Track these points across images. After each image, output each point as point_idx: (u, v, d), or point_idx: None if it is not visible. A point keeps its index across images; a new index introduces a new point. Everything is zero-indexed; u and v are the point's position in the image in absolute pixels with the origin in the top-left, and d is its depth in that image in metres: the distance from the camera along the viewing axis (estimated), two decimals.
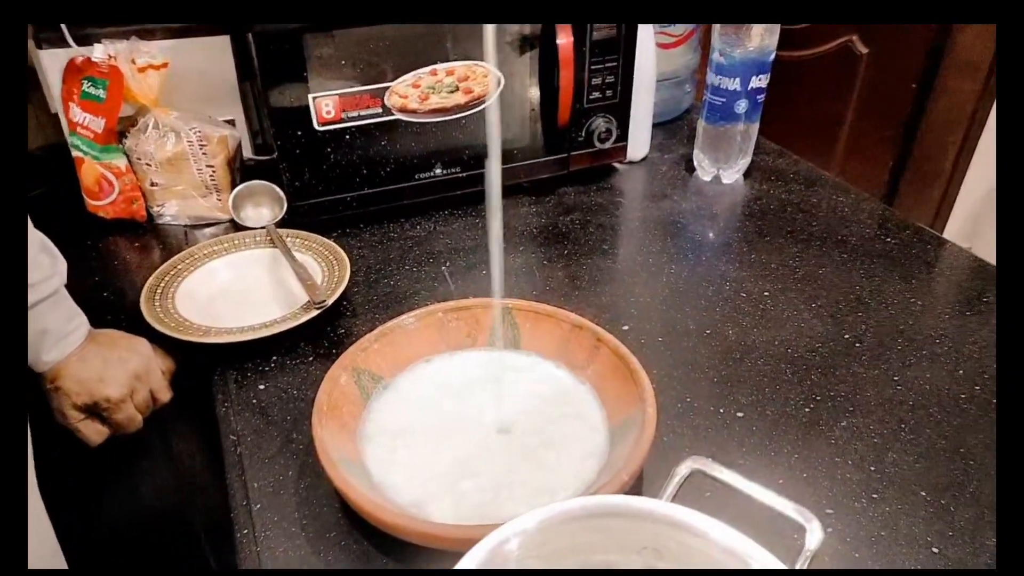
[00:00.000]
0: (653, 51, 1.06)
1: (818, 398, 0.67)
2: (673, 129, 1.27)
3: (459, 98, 0.93)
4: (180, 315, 0.76)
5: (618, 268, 0.89)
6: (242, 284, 0.84)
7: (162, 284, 0.80)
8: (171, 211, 0.99)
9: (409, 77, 0.90)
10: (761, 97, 1.01)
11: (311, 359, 0.74)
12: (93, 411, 0.71)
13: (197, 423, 0.83)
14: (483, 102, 0.94)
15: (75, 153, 0.94)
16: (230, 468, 0.62)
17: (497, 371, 0.68)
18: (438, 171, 0.98)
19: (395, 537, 0.51)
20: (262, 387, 0.71)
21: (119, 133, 0.95)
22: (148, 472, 0.94)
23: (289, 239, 0.88)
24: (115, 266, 0.93)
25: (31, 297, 0.67)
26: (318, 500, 0.58)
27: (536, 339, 0.69)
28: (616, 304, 0.81)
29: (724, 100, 1.01)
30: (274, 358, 0.74)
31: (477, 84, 0.93)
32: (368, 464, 0.58)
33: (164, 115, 0.95)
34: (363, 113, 0.90)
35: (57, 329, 0.69)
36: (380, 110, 0.90)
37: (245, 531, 0.56)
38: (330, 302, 0.76)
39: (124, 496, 0.95)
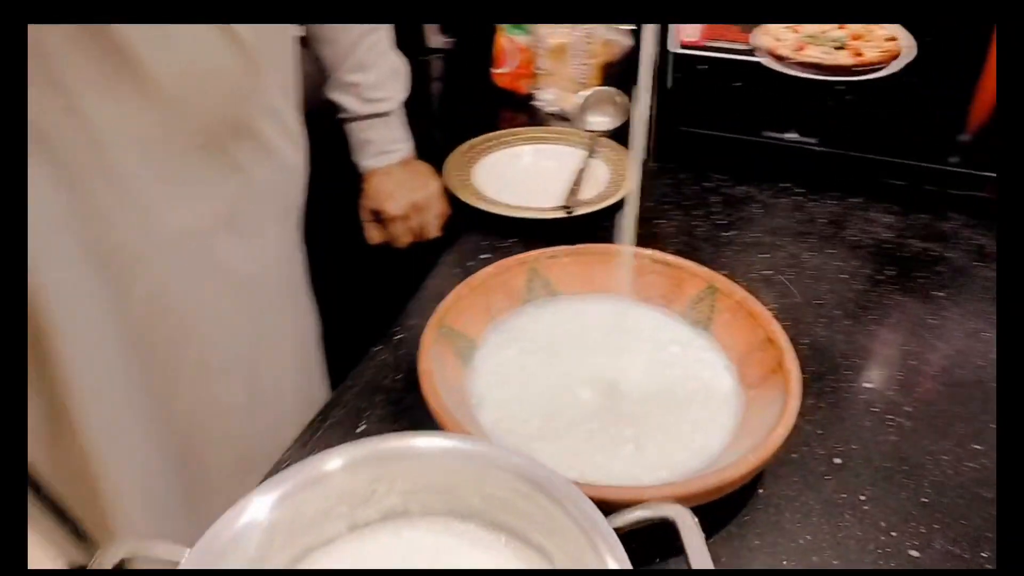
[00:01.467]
0: None
1: None
2: None
3: (843, 58, 0.78)
4: (471, 178, 0.84)
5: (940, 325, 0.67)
6: (536, 172, 0.88)
7: (477, 148, 0.90)
8: (547, 97, 1.07)
9: None
10: None
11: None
12: (377, 218, 0.86)
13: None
14: (873, 70, 0.77)
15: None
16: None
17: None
18: (791, 135, 0.85)
19: None
20: (485, 257, 0.76)
21: None
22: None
23: (603, 149, 0.89)
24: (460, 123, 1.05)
25: (366, 109, 0.82)
26: None
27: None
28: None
29: None
30: (512, 240, 0.78)
31: (872, 48, 0.76)
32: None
33: None
34: (726, 46, 0.82)
35: (379, 143, 0.84)
36: (746, 47, 0.81)
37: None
38: (576, 212, 0.76)
39: None
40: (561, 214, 0.76)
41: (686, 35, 0.83)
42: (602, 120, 0.97)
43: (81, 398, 0.63)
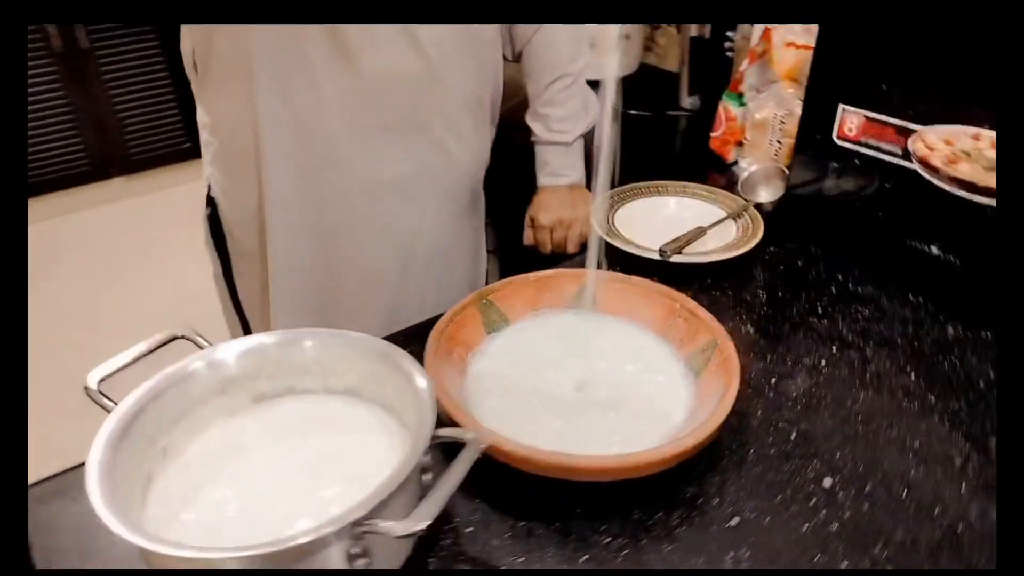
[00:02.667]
0: None
1: None
2: None
3: (993, 179, 0.74)
4: (615, 211, 0.97)
5: None
6: (672, 221, 0.96)
7: (636, 189, 1.02)
8: (744, 164, 1.14)
9: (945, 129, 0.76)
10: None
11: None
12: (532, 224, 1.03)
13: None
14: None
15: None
16: None
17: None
18: (933, 249, 0.82)
19: None
20: None
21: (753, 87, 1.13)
22: None
23: (747, 216, 0.94)
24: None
25: (549, 136, 0.99)
26: None
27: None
28: None
29: None
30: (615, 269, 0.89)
31: None
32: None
33: (785, 88, 1.07)
34: (882, 146, 0.82)
35: (554, 166, 1.01)
36: (900, 151, 0.81)
37: None
38: (670, 259, 0.84)
39: None
40: (654, 256, 0.86)
41: (847, 128, 0.85)
42: (764, 191, 1.01)
43: (277, 269, 0.92)
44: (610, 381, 0.67)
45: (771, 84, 1.10)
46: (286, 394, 0.61)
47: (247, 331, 1.02)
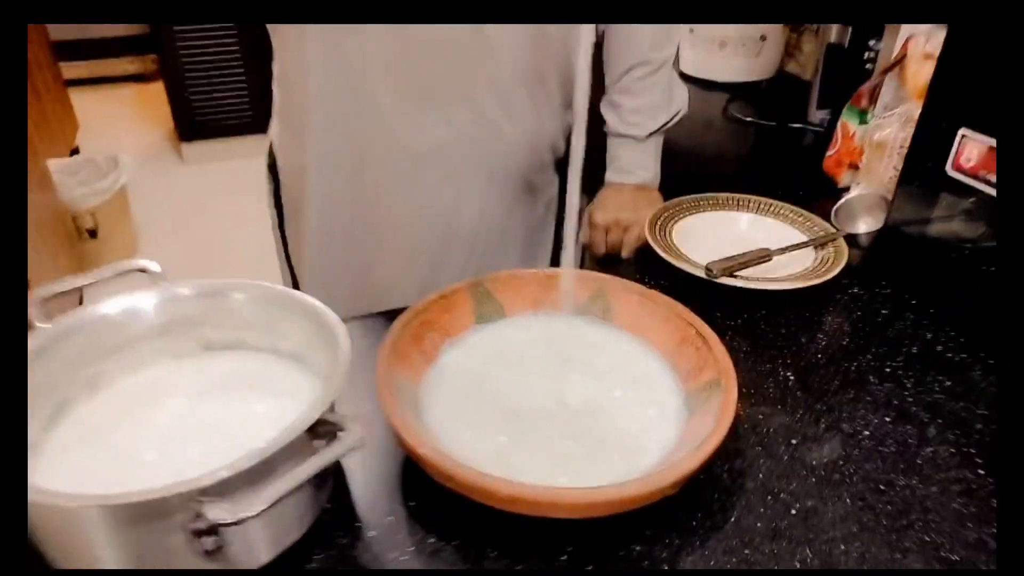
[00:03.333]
0: None
1: None
2: None
3: None
4: (672, 230, 0.86)
5: None
6: (737, 239, 0.84)
7: (709, 200, 0.90)
8: (856, 191, 0.98)
9: None
10: None
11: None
12: (588, 222, 0.95)
13: None
14: None
15: None
16: None
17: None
18: None
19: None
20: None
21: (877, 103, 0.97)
22: None
23: (832, 248, 0.81)
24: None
25: (622, 128, 0.90)
26: None
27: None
28: None
29: None
30: (662, 282, 0.79)
31: None
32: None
33: (916, 107, 0.90)
34: (992, 179, 0.66)
35: (623, 162, 0.92)
36: None
37: None
38: (718, 279, 0.73)
39: None
40: (699, 273, 0.75)
41: (964, 158, 0.70)
42: (862, 222, 0.86)
43: (312, 228, 0.90)
44: (592, 403, 0.59)
45: (903, 103, 0.93)
46: (237, 347, 0.58)
47: (296, 287, 1.02)
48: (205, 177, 2.95)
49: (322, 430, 0.45)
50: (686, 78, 1.41)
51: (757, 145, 1.28)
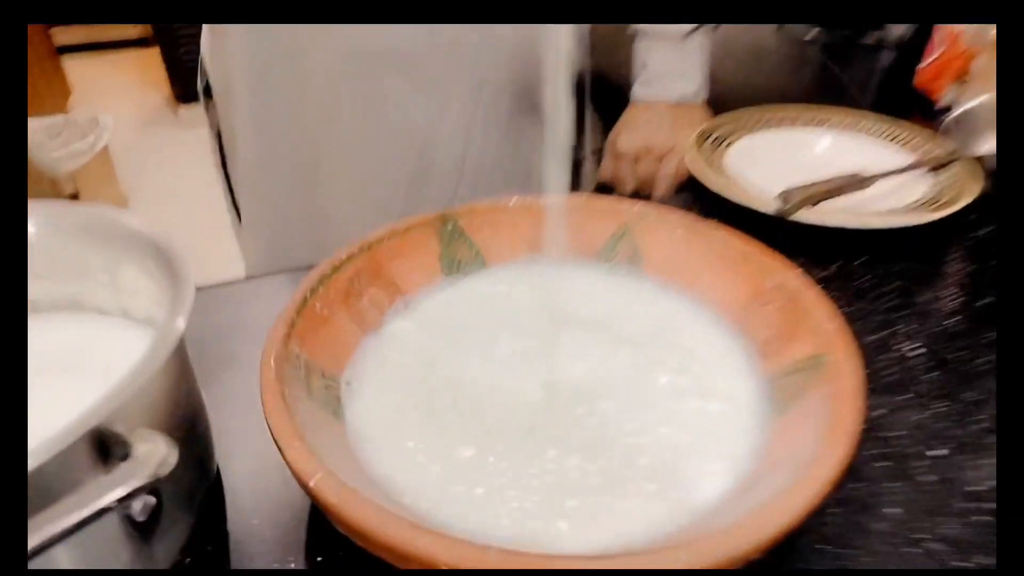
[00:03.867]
0: None
1: None
2: None
3: None
4: (724, 155, 0.63)
5: None
6: (813, 162, 0.62)
7: (771, 114, 0.67)
8: (968, 103, 0.74)
9: None
10: None
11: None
12: (610, 151, 0.72)
13: None
14: None
15: None
16: None
17: None
18: None
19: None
20: None
21: None
22: None
23: (952, 173, 0.58)
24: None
25: (653, 28, 0.68)
26: None
27: None
28: None
29: None
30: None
31: None
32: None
33: None
34: None
35: (654, 71, 0.70)
36: None
37: None
38: (795, 215, 0.51)
39: None
40: (768, 210, 0.52)
41: None
42: (986, 139, 0.63)
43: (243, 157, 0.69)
44: (611, 397, 0.37)
45: None
46: (68, 309, 0.38)
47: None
48: (203, 141, 2.78)
49: (116, 449, 0.25)
50: None
51: (823, 67, 1.03)
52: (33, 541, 0.21)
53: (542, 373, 0.38)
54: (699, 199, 0.58)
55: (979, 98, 0.65)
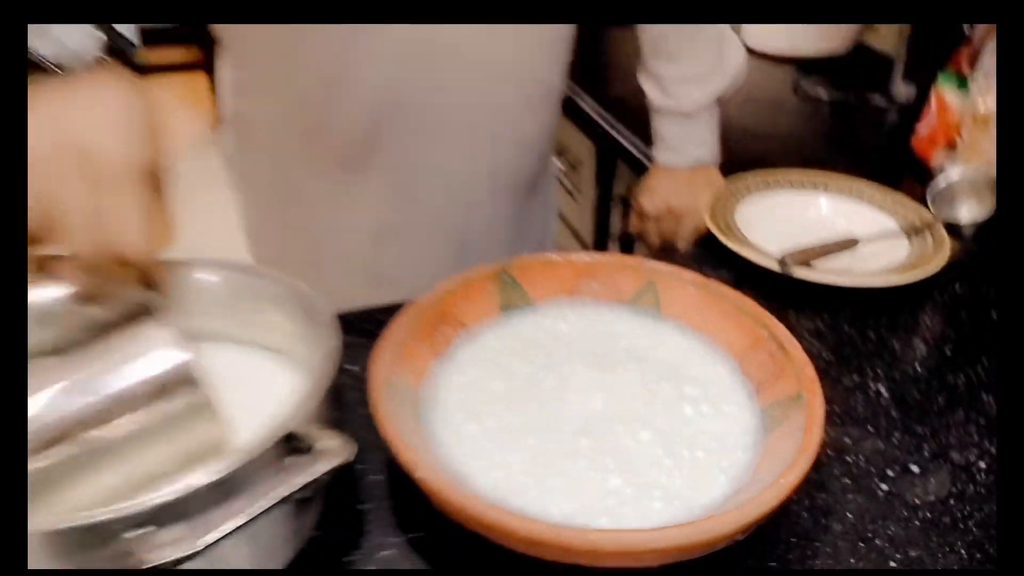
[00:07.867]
0: None
1: None
2: None
3: None
4: (736, 214, 0.73)
5: None
6: (814, 226, 0.72)
7: (776, 177, 0.78)
8: (950, 176, 0.84)
9: None
10: None
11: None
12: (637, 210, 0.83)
13: None
14: None
15: None
16: None
17: None
18: None
19: None
20: None
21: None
22: None
23: (932, 237, 0.68)
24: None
25: (667, 103, 0.77)
26: None
27: None
28: None
29: None
30: (721, 271, 0.67)
31: None
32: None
33: None
34: None
35: (671, 141, 0.80)
36: None
37: None
38: (793, 274, 0.62)
39: None
40: (771, 265, 0.63)
41: None
42: (964, 208, 0.73)
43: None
44: (640, 417, 0.48)
45: None
46: (206, 339, 0.49)
47: None
48: None
49: (300, 444, 0.36)
50: (750, 52, 1.27)
51: (835, 125, 1.14)
52: (263, 506, 0.32)
53: (583, 400, 0.49)
54: (714, 251, 0.69)
55: (959, 171, 0.75)
